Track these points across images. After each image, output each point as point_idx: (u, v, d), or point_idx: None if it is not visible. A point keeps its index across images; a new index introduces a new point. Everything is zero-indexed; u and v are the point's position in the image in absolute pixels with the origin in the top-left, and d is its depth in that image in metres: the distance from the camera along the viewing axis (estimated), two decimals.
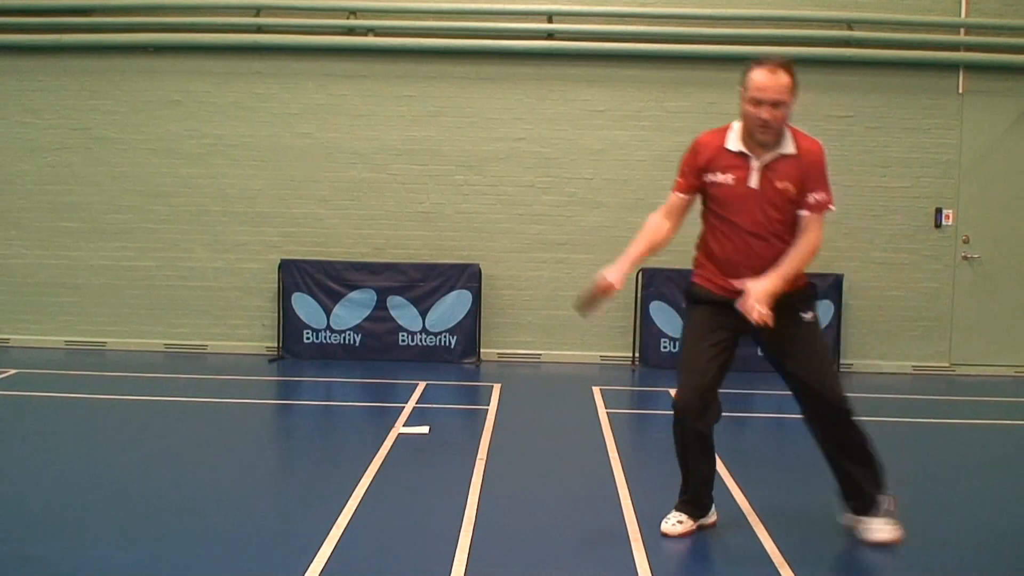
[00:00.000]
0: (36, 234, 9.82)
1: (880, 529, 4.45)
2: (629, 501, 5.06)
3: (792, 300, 4.32)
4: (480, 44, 9.56)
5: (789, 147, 4.30)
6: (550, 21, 9.62)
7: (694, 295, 4.52)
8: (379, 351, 9.55)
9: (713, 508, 4.68)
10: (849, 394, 4.43)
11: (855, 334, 9.62)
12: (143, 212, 9.77)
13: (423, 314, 9.57)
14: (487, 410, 7.39)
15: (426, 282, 9.56)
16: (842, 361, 9.50)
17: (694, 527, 4.57)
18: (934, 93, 9.58)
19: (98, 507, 4.84)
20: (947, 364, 9.78)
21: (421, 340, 9.59)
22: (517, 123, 9.69)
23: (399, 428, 6.59)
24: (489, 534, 4.52)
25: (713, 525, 4.65)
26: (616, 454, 6.06)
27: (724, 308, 4.35)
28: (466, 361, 9.56)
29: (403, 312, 9.57)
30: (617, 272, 4.34)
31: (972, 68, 9.59)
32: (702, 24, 9.59)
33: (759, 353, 4.62)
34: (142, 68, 9.68)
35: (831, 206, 4.34)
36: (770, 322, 4.11)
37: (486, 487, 5.27)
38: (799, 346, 4.36)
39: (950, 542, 4.60)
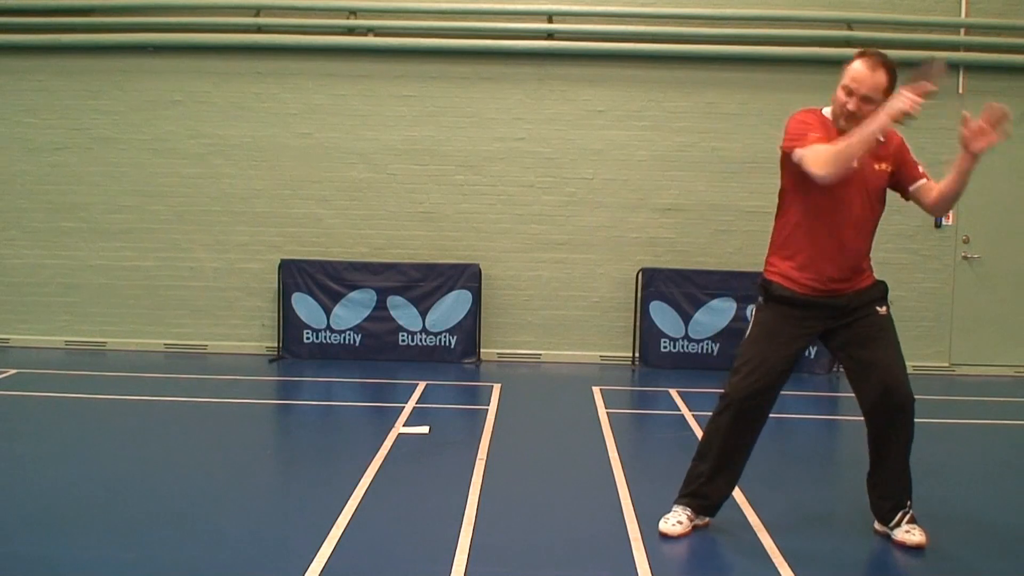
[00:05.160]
0: (36, 234, 9.82)
1: (910, 531, 4.44)
2: (629, 501, 5.06)
3: (871, 295, 4.40)
4: (480, 44, 9.57)
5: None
6: (550, 21, 9.62)
7: (772, 293, 4.40)
8: (379, 351, 9.55)
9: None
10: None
11: None
12: (143, 212, 9.78)
13: (423, 314, 9.57)
14: (487, 410, 7.39)
15: (426, 282, 9.56)
16: None
17: (691, 528, 4.58)
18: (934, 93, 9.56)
19: (97, 507, 4.84)
20: (947, 364, 9.78)
21: (421, 340, 9.59)
22: (517, 123, 9.69)
23: (399, 428, 6.59)
24: (489, 534, 4.52)
25: (706, 525, 4.66)
26: (616, 454, 6.06)
27: (805, 308, 4.35)
28: (466, 361, 9.56)
29: (403, 312, 9.57)
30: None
31: (972, 68, 9.59)
32: (702, 24, 9.59)
33: (826, 348, 4.59)
34: (142, 68, 9.68)
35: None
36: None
37: (486, 487, 5.27)
38: (878, 335, 4.36)
39: (950, 542, 4.60)
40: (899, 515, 4.48)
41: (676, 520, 4.55)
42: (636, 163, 9.68)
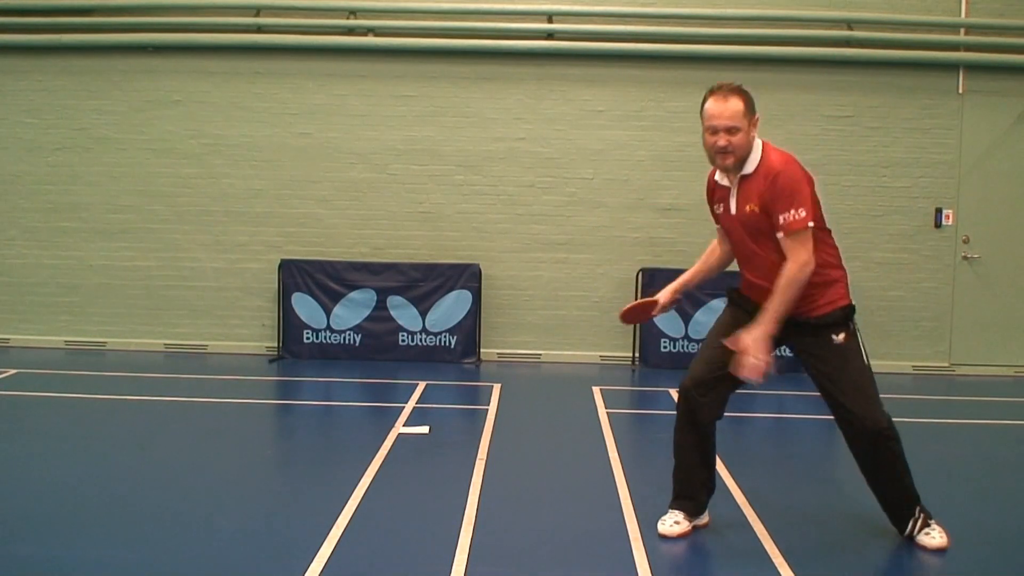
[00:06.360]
0: (36, 234, 9.83)
1: (929, 534, 4.45)
2: (629, 501, 5.06)
3: (821, 325, 4.31)
4: (480, 44, 9.57)
5: (750, 167, 4.24)
6: (550, 21, 9.62)
7: (731, 295, 4.67)
8: (379, 351, 9.55)
9: (706, 509, 4.70)
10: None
11: None
12: (143, 212, 9.78)
13: (423, 314, 9.57)
14: (487, 410, 7.39)
15: (426, 282, 9.57)
16: None
17: (690, 528, 4.57)
18: (934, 93, 9.58)
19: (97, 507, 4.84)
20: (947, 364, 9.78)
21: (421, 340, 9.59)
22: (517, 123, 9.69)
23: (399, 428, 6.59)
24: (489, 534, 4.52)
25: (706, 525, 4.66)
26: (616, 454, 6.06)
27: (755, 314, 4.37)
28: (466, 361, 9.57)
29: (403, 312, 9.57)
30: (666, 291, 4.82)
31: (972, 68, 9.59)
32: (702, 24, 9.60)
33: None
34: (142, 68, 9.69)
35: (808, 223, 4.10)
36: (760, 376, 4.05)
37: (486, 487, 5.27)
38: (830, 368, 4.32)
39: (950, 542, 4.60)
40: (910, 525, 4.49)
41: (674, 521, 4.56)
42: (636, 163, 9.68)
